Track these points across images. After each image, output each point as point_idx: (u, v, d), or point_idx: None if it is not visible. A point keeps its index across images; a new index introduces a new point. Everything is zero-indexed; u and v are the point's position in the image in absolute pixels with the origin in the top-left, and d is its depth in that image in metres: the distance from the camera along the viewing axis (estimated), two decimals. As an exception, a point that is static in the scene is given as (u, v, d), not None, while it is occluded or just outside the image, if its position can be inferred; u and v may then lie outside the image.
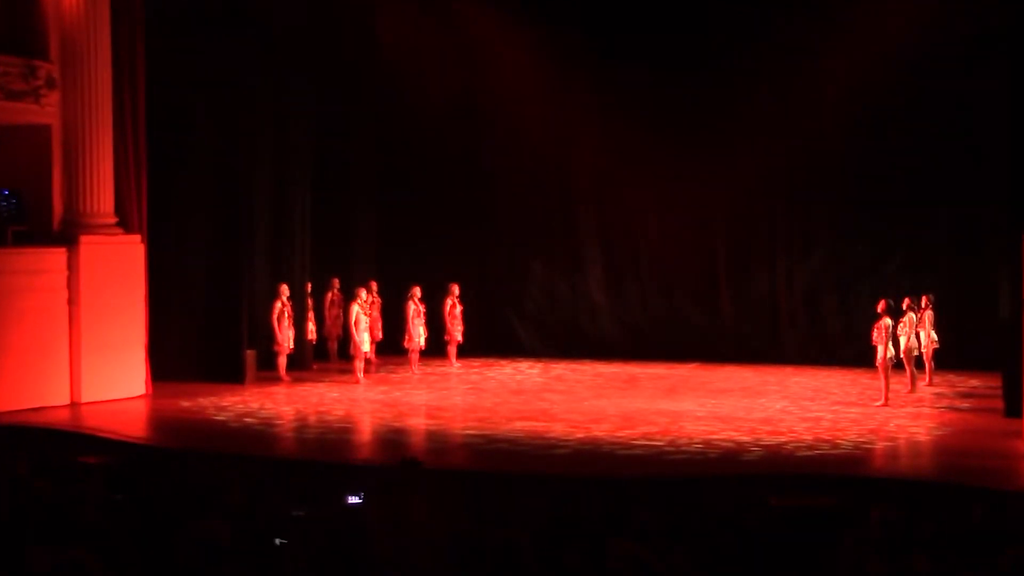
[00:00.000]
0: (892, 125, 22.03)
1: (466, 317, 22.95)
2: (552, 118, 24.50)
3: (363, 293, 21.43)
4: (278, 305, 20.91)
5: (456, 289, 22.72)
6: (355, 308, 21.05)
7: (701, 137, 23.22)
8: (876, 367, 18.25)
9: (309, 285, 22.28)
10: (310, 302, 22.28)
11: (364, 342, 21.17)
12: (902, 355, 18.76)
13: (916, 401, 18.69)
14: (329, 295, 22.94)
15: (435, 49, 24.64)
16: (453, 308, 22.70)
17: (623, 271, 24.40)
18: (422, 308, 22.00)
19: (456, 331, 22.82)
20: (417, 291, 21.96)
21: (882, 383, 18.24)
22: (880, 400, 18.19)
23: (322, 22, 22.77)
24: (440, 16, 24.58)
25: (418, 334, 21.99)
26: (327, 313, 22.91)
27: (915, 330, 19.08)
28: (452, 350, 22.97)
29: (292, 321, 21.11)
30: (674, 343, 23.38)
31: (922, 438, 16.20)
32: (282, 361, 21.06)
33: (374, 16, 24.36)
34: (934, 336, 19.65)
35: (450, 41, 24.59)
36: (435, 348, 22.66)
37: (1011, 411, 16.61)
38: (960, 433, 16.39)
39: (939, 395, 19.21)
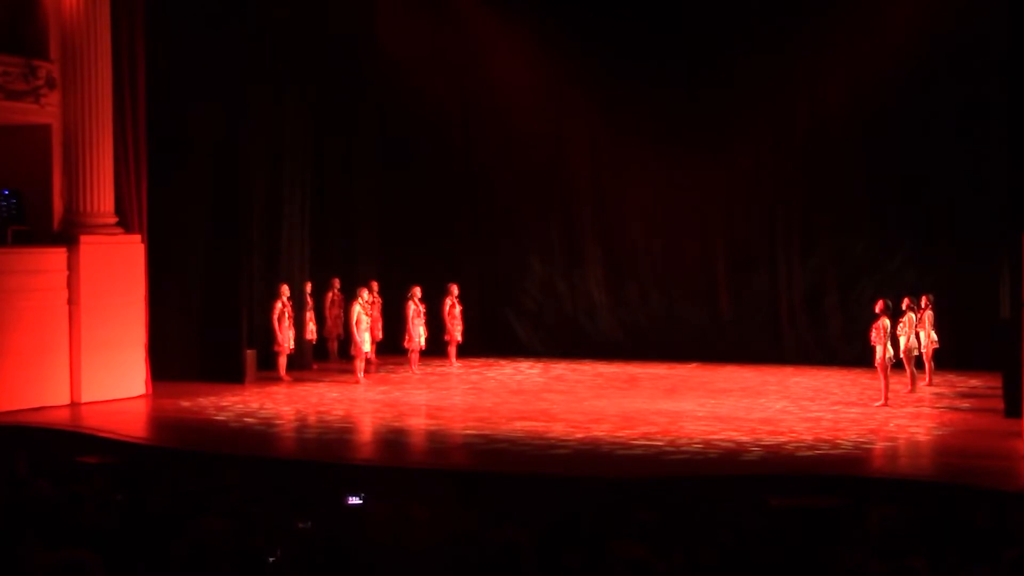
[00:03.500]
0: (892, 125, 22.04)
1: (466, 317, 22.96)
2: (552, 118, 24.52)
3: (364, 293, 21.43)
4: (278, 305, 20.93)
5: (456, 289, 22.73)
6: (356, 308, 21.05)
7: (701, 137, 23.27)
8: (876, 367, 18.25)
9: (309, 285, 22.28)
10: (310, 302, 22.29)
11: (365, 342, 21.18)
12: (902, 355, 18.76)
13: (916, 401, 18.68)
14: (329, 295, 22.94)
15: (435, 48, 24.67)
16: (453, 308, 22.70)
17: (623, 271, 24.38)
18: (422, 308, 22.01)
19: (456, 331, 22.83)
20: (417, 291, 21.98)
21: (882, 383, 18.23)
22: (880, 400, 18.19)
23: (322, 22, 22.79)
24: (440, 16, 24.62)
25: (418, 334, 22.00)
26: (328, 313, 22.92)
27: (915, 330, 19.07)
28: (452, 350, 22.98)
29: (292, 321, 21.13)
30: (674, 343, 23.38)
31: (922, 438, 16.20)
32: (282, 361, 21.07)
33: (374, 16, 24.40)
34: (934, 336, 19.64)
35: (450, 41, 24.62)
36: (435, 348, 22.66)
37: (1011, 411, 16.58)
38: (960, 433, 16.37)
39: (939, 395, 19.19)
